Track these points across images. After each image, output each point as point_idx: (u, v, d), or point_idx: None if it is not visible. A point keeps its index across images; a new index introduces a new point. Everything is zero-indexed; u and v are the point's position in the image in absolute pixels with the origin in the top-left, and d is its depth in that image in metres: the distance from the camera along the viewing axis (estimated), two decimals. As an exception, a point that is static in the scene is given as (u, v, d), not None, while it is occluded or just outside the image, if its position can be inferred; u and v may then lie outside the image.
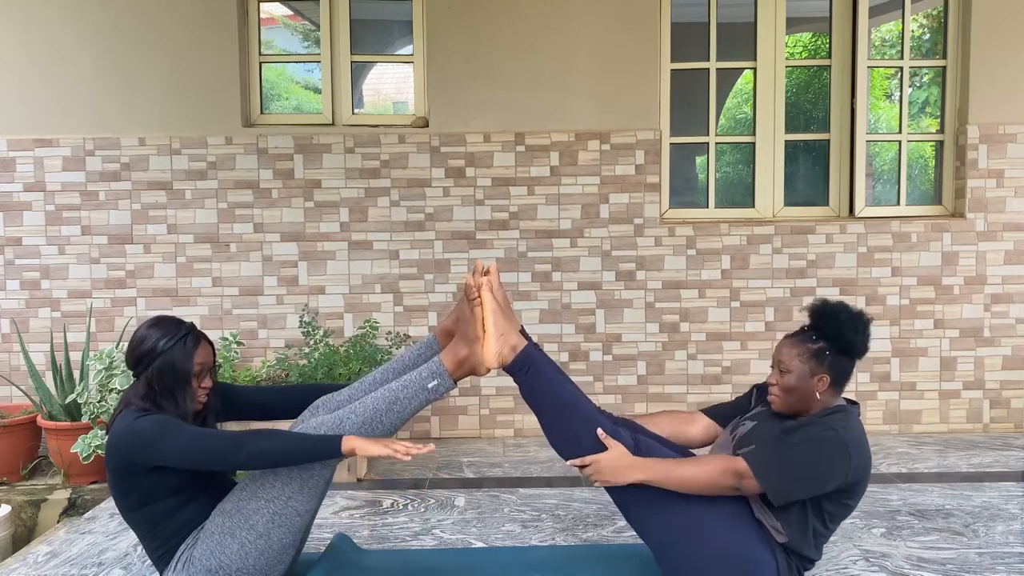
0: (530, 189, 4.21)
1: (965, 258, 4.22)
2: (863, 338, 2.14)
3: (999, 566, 2.56)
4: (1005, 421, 4.25)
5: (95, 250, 4.19)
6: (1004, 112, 4.18)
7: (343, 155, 4.19)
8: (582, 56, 4.17)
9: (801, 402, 2.17)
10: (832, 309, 2.17)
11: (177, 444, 2.06)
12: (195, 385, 2.22)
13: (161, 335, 2.20)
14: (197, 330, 2.26)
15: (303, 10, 4.91)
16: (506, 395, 4.24)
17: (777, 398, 2.20)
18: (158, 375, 2.17)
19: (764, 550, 2.08)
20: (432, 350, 2.37)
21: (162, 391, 2.17)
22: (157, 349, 2.18)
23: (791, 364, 2.16)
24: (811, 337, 2.16)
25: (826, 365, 2.13)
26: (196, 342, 2.22)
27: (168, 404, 2.17)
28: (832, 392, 2.16)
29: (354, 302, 4.20)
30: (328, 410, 2.30)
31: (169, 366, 2.17)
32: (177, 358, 2.17)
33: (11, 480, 3.65)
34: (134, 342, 2.22)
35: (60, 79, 4.15)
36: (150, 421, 2.10)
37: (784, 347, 2.20)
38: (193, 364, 2.19)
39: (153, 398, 2.16)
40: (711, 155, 4.35)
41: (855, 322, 2.14)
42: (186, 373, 2.18)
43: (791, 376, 2.15)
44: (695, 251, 4.22)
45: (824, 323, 2.16)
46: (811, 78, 4.98)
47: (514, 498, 3.28)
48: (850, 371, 2.18)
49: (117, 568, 2.66)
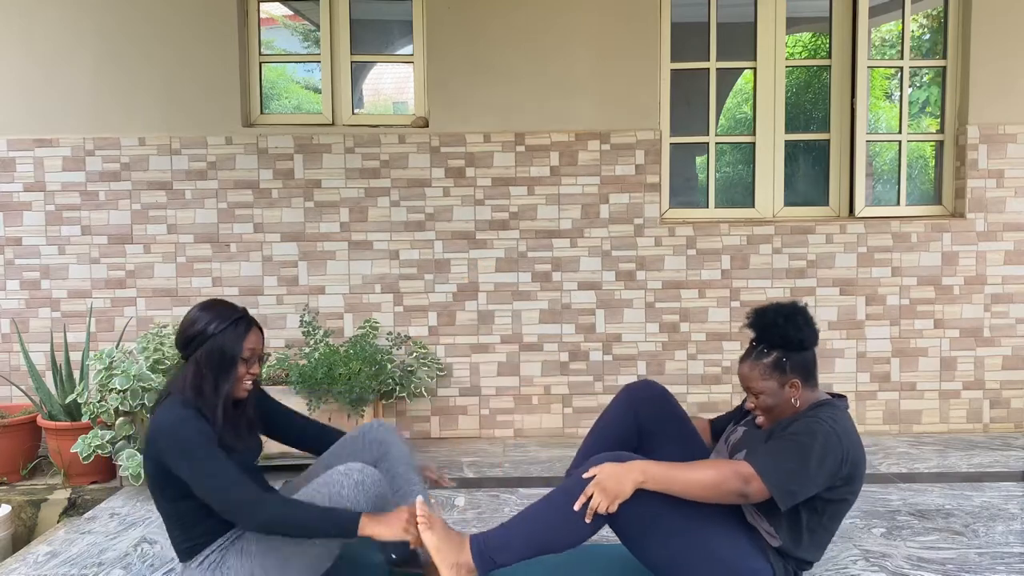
0: (530, 189, 4.21)
1: (965, 258, 4.22)
2: (809, 329, 2.15)
3: (999, 566, 2.56)
4: (1005, 421, 4.25)
5: (95, 250, 4.19)
6: (1004, 112, 4.18)
7: (343, 155, 4.19)
8: (582, 56, 4.17)
9: (786, 412, 2.18)
10: (769, 318, 2.17)
11: (205, 474, 2.03)
12: (243, 371, 2.20)
13: (212, 317, 2.18)
14: (249, 315, 2.26)
15: (303, 10, 4.91)
16: (506, 395, 4.24)
17: (763, 419, 2.21)
18: (206, 357, 2.15)
19: (759, 557, 2.07)
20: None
21: (208, 374, 2.14)
22: (207, 331, 2.16)
23: (759, 385, 2.16)
24: (762, 352, 2.17)
25: (789, 370, 2.13)
26: (248, 327, 2.21)
27: (209, 389, 2.14)
28: (807, 388, 2.16)
29: (354, 302, 4.20)
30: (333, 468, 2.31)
31: (218, 349, 2.15)
32: (227, 341, 2.16)
33: (11, 480, 3.65)
34: (185, 323, 2.21)
35: (60, 79, 4.15)
36: (195, 431, 2.06)
37: (745, 371, 2.20)
38: (243, 348, 2.18)
39: (199, 383, 2.13)
40: (711, 155, 4.35)
41: (795, 320, 2.14)
42: (234, 357, 2.17)
43: (765, 397, 2.16)
44: (695, 251, 4.22)
45: (767, 334, 2.16)
46: (811, 78, 4.98)
47: (514, 498, 3.29)
48: (813, 361, 2.18)
49: (117, 568, 2.66)
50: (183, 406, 2.11)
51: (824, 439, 2.01)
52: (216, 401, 2.14)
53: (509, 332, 4.23)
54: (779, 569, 2.09)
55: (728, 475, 1.97)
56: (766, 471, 1.97)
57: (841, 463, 2.02)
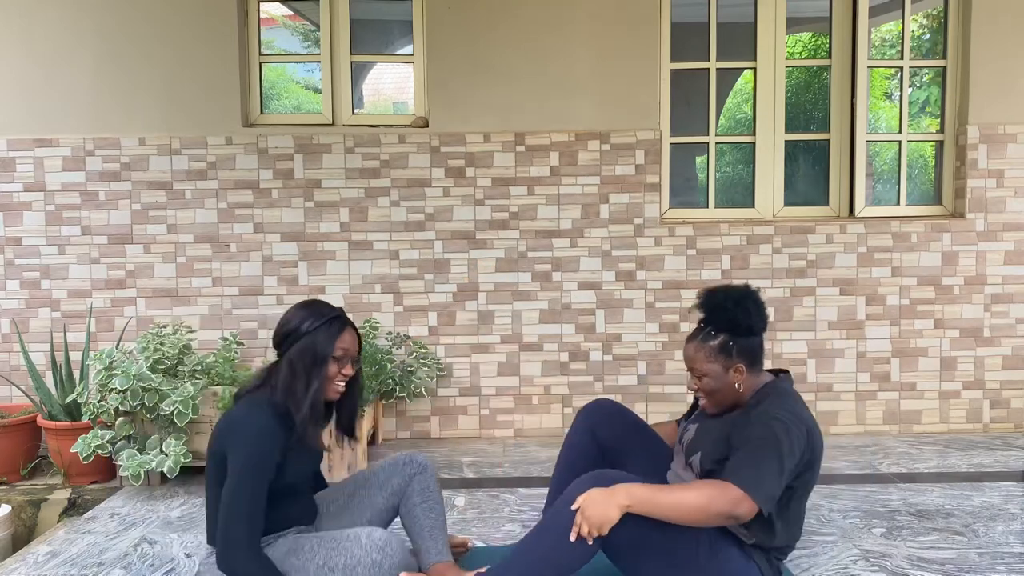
0: (530, 189, 4.21)
1: (965, 258, 4.22)
2: (758, 315, 2.14)
3: (999, 566, 2.56)
4: (1005, 421, 4.25)
5: (95, 250, 4.19)
6: (1004, 112, 4.18)
7: (343, 155, 4.19)
8: (582, 56, 4.17)
9: (728, 397, 2.17)
10: (718, 300, 2.15)
11: (236, 489, 2.03)
12: (334, 370, 2.19)
13: (307, 315, 2.19)
14: (345, 316, 2.25)
15: (303, 10, 4.91)
16: (506, 395, 4.24)
17: (705, 402, 2.21)
18: (298, 355, 2.15)
19: (744, 558, 2.06)
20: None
21: (300, 372, 2.14)
22: (301, 329, 2.17)
23: (703, 367, 2.15)
24: (710, 334, 2.15)
25: (735, 354, 2.12)
26: (342, 326, 2.21)
27: (301, 387, 2.13)
28: (752, 374, 2.15)
29: (354, 302, 4.20)
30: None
31: (310, 347, 2.15)
32: (319, 339, 2.16)
33: (11, 480, 3.65)
34: (281, 321, 2.23)
35: (60, 79, 4.15)
36: (265, 449, 2.06)
37: (690, 352, 2.19)
38: (335, 347, 2.17)
39: (290, 381, 2.13)
40: (711, 155, 4.35)
41: (744, 304, 2.12)
42: (325, 356, 2.16)
43: (709, 380, 2.15)
44: (695, 251, 4.22)
45: (715, 316, 2.15)
46: (811, 78, 4.98)
47: (514, 498, 3.28)
48: (760, 346, 2.16)
49: (117, 568, 2.66)
50: (270, 408, 2.12)
51: (788, 438, 1.98)
52: (305, 399, 2.13)
53: (509, 332, 4.23)
54: (763, 564, 2.08)
55: (715, 496, 1.91)
56: (752, 486, 1.92)
57: (804, 452, 2.02)
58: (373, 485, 2.41)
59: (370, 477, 2.43)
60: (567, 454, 2.47)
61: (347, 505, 2.41)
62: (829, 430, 4.23)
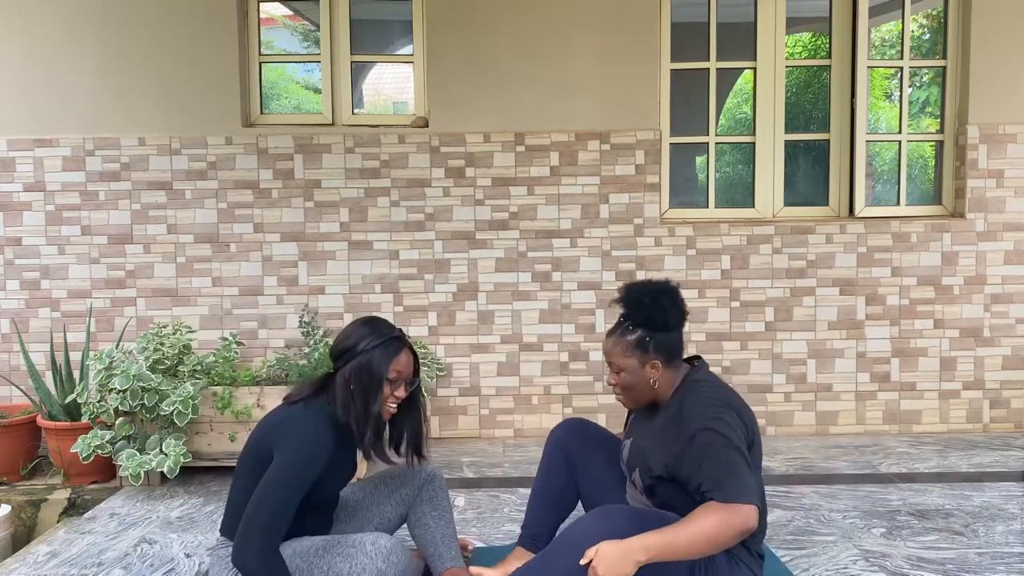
0: (530, 189, 4.21)
1: (965, 258, 4.22)
2: (675, 311, 2.15)
3: (999, 566, 2.56)
4: (1005, 421, 4.25)
5: (95, 250, 4.19)
6: (1004, 112, 4.18)
7: (343, 155, 4.19)
8: (582, 56, 4.17)
9: (644, 393, 2.18)
10: (636, 296, 2.17)
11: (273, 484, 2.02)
12: (387, 392, 2.17)
13: (367, 334, 2.18)
14: (405, 338, 2.23)
15: (303, 10, 4.91)
16: (506, 395, 4.24)
17: (621, 397, 2.23)
18: (354, 374, 2.14)
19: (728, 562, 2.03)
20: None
21: (357, 390, 2.14)
22: (359, 347, 2.16)
23: (620, 362, 2.16)
24: (628, 328, 2.16)
25: (651, 350, 2.13)
26: (399, 348, 2.19)
27: (359, 405, 2.14)
28: (669, 370, 2.16)
29: (354, 302, 4.20)
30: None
31: (366, 366, 2.14)
32: (375, 360, 2.15)
33: (11, 480, 3.65)
34: (341, 335, 2.22)
35: (60, 79, 4.15)
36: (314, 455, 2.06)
37: (608, 346, 2.20)
38: (389, 369, 2.16)
39: (347, 398, 2.14)
40: (711, 155, 4.35)
41: (661, 301, 2.13)
42: (381, 377, 2.15)
43: (626, 374, 2.16)
44: (695, 251, 4.22)
45: (633, 311, 2.16)
46: (811, 78, 4.98)
47: (514, 498, 3.29)
48: (678, 341, 2.17)
49: (117, 568, 2.66)
50: (329, 419, 2.13)
51: (730, 429, 1.98)
52: (367, 418, 2.14)
53: (509, 332, 4.23)
54: (746, 557, 2.07)
55: (721, 519, 1.86)
56: (741, 493, 1.89)
57: (744, 433, 2.02)
58: (382, 493, 2.41)
59: (379, 485, 2.43)
60: (545, 478, 2.48)
61: (354, 512, 2.40)
62: (829, 430, 4.24)
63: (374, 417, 2.15)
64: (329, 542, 2.12)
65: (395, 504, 2.40)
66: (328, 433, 2.11)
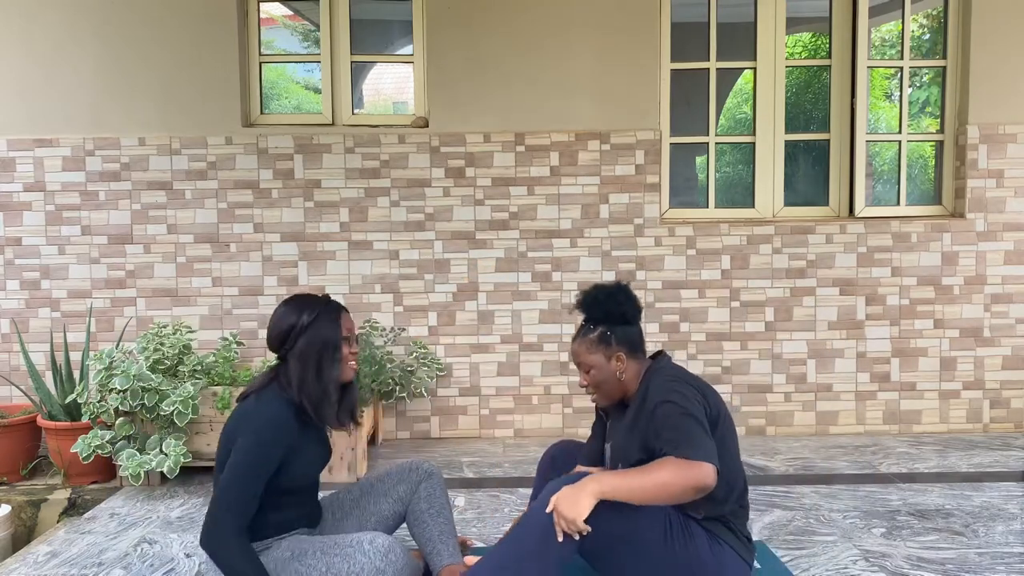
0: (530, 189, 4.21)
1: (965, 258, 4.22)
2: (629, 304, 2.26)
3: (999, 566, 2.56)
4: (1005, 421, 4.25)
5: (95, 250, 4.19)
6: (1004, 112, 4.18)
7: (343, 155, 4.19)
8: (582, 56, 4.17)
9: (615, 387, 2.26)
10: (591, 297, 2.28)
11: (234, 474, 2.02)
12: (346, 351, 2.21)
13: (302, 308, 2.18)
14: (333, 300, 2.25)
15: (303, 10, 4.91)
16: (506, 395, 4.24)
17: (595, 395, 2.31)
18: (308, 348, 2.14)
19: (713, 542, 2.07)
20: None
21: (311, 365, 2.13)
22: (302, 322, 2.15)
23: (587, 360, 2.26)
24: (589, 328, 2.28)
25: (614, 343, 2.23)
26: (338, 309, 2.22)
27: (313, 379, 2.13)
28: (634, 361, 2.25)
29: (354, 302, 4.20)
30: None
31: (317, 336, 2.14)
32: (323, 326, 2.16)
33: (11, 480, 3.65)
34: (275, 321, 2.19)
35: (60, 79, 4.15)
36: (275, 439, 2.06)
37: (575, 348, 2.31)
38: (342, 329, 2.19)
39: (304, 376, 2.13)
40: (711, 155, 4.35)
41: (615, 297, 2.26)
42: (335, 340, 2.16)
43: (594, 372, 2.26)
44: (695, 251, 4.22)
45: (591, 312, 2.28)
46: (811, 78, 4.98)
47: (514, 498, 3.29)
48: (637, 335, 2.27)
49: (117, 568, 2.66)
50: (282, 402, 2.12)
51: (687, 400, 2.04)
52: (322, 389, 2.14)
53: (509, 332, 4.23)
54: (731, 539, 2.08)
55: (676, 470, 1.92)
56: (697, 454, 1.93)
57: (706, 407, 2.07)
58: (379, 492, 2.41)
59: (376, 484, 2.43)
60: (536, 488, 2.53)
61: (351, 511, 2.40)
62: (829, 430, 4.24)
63: (332, 384, 2.15)
64: (327, 543, 2.12)
65: (392, 502, 2.40)
66: (285, 414, 2.11)
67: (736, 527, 2.14)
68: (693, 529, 2.06)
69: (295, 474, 2.15)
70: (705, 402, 2.08)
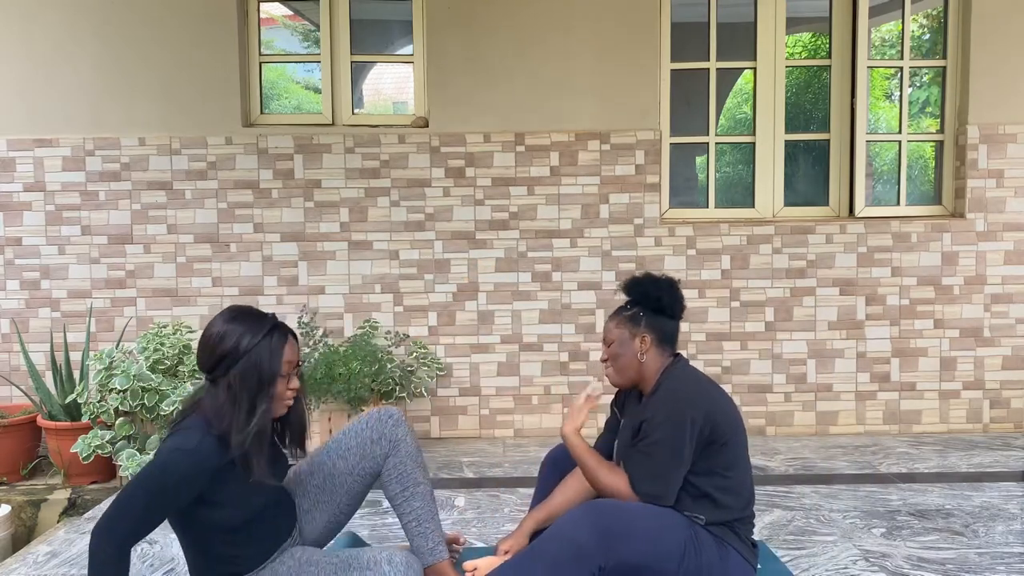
0: (530, 189, 4.21)
1: (965, 258, 4.22)
2: (669, 294, 2.26)
3: (999, 566, 2.56)
4: (1005, 421, 4.25)
5: (95, 250, 4.19)
6: (1004, 112, 4.18)
7: (343, 155, 4.19)
8: (582, 56, 4.17)
9: (632, 365, 2.24)
10: (636, 279, 2.32)
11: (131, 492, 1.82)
12: (282, 388, 1.93)
13: (243, 331, 1.90)
14: (282, 324, 1.97)
15: (303, 10, 4.91)
16: (506, 395, 4.24)
17: (609, 371, 2.30)
18: (241, 380, 1.86)
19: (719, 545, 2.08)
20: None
21: (244, 397, 1.86)
22: (240, 348, 1.87)
23: (612, 333, 2.29)
24: (625, 306, 2.31)
25: (643, 325, 2.23)
26: (283, 338, 1.93)
27: (242, 414, 1.85)
28: (660, 351, 2.23)
29: (354, 302, 4.20)
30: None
31: (254, 367, 1.87)
32: (263, 358, 1.88)
33: (11, 480, 3.66)
34: (211, 340, 1.91)
35: (60, 79, 4.15)
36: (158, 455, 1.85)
37: (606, 324, 2.34)
38: (281, 364, 1.91)
39: (232, 407, 1.86)
40: (711, 155, 4.35)
41: (657, 283, 2.27)
42: (272, 376, 1.89)
43: (616, 345, 2.26)
44: (695, 251, 4.22)
45: (632, 291, 2.31)
46: (811, 78, 4.98)
47: (514, 498, 3.28)
48: (673, 330, 2.27)
49: (117, 568, 2.66)
50: (206, 438, 1.84)
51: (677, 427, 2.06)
52: (248, 427, 1.85)
53: (509, 332, 4.23)
54: (736, 543, 2.09)
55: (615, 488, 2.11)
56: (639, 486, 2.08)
57: (700, 432, 2.07)
58: (343, 472, 2.14)
59: (338, 462, 2.15)
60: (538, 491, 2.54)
61: (318, 502, 2.16)
62: (829, 430, 4.24)
63: (258, 420, 1.87)
64: (341, 562, 1.99)
65: (361, 478, 2.16)
66: (205, 444, 1.84)
67: (742, 532, 2.15)
68: (702, 538, 2.06)
69: (240, 511, 1.92)
70: (704, 426, 2.07)
